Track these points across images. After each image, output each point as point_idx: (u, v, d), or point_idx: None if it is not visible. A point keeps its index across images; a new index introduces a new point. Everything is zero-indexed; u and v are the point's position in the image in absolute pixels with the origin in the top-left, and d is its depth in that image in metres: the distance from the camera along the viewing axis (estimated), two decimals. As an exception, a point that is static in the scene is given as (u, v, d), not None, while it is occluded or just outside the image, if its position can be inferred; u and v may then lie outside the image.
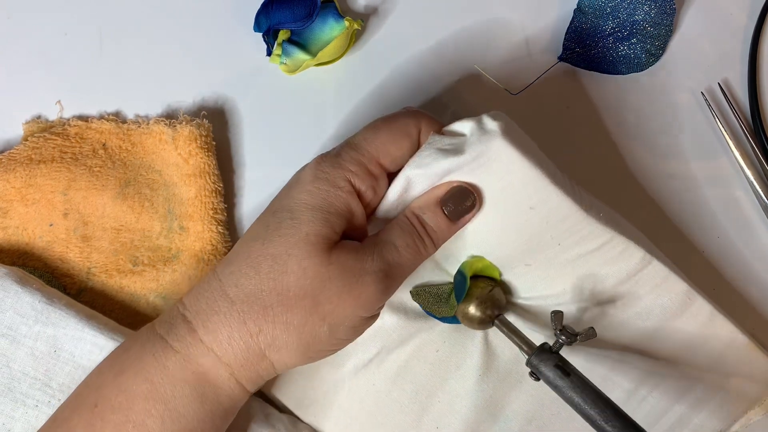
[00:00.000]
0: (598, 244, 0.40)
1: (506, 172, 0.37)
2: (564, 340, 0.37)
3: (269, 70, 0.47)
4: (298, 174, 0.37)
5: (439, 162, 0.37)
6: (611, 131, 0.47)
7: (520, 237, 0.40)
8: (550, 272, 0.41)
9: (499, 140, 0.37)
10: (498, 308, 0.41)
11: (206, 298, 0.35)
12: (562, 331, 0.37)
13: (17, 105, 0.46)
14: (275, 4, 0.45)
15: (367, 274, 0.35)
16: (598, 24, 0.47)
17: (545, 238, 0.40)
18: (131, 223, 0.44)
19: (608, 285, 0.41)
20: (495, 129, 0.37)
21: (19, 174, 0.44)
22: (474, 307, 0.41)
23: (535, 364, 0.37)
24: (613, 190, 0.46)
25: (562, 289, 0.42)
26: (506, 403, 0.43)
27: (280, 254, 0.34)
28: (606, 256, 0.41)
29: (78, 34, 0.48)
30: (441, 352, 0.43)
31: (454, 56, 0.48)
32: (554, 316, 0.38)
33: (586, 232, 0.40)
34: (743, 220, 0.46)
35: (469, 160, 0.37)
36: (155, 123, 0.45)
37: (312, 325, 0.34)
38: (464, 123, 0.38)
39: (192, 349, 0.34)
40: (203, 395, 0.34)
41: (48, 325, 0.40)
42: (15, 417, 0.40)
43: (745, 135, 0.47)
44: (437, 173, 0.37)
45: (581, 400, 0.36)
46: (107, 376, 0.35)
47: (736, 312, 0.45)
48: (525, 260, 0.41)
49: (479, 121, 0.38)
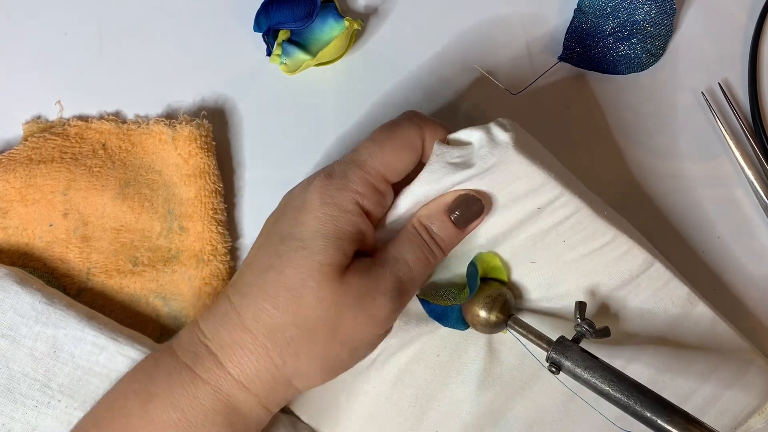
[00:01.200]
0: (602, 243, 0.40)
1: (515, 179, 0.38)
2: (586, 330, 0.37)
3: (269, 70, 0.47)
4: (304, 196, 0.36)
5: (449, 177, 0.37)
6: (611, 131, 0.47)
7: (525, 233, 0.40)
8: (554, 272, 0.41)
9: (512, 153, 0.37)
10: (510, 310, 0.41)
11: (227, 331, 0.35)
12: (585, 321, 0.37)
13: (17, 105, 0.46)
14: (275, 4, 0.45)
15: (381, 295, 0.36)
16: (598, 24, 0.47)
17: (551, 235, 0.40)
18: (131, 224, 0.44)
19: (611, 287, 0.41)
20: (507, 141, 0.37)
21: (19, 174, 0.44)
22: (485, 310, 0.40)
23: (555, 356, 0.37)
24: (613, 190, 0.46)
25: (566, 290, 0.42)
26: (507, 409, 0.42)
27: (295, 286, 0.35)
28: (610, 256, 0.41)
29: (78, 34, 0.47)
30: (442, 356, 0.43)
31: (454, 56, 0.48)
32: (578, 306, 0.38)
33: (592, 230, 0.40)
34: (743, 220, 0.46)
35: (480, 172, 0.37)
36: (155, 123, 0.45)
37: (333, 351, 0.36)
38: (472, 132, 0.38)
39: (222, 381, 0.35)
40: (233, 423, 0.35)
41: (48, 325, 0.40)
42: (15, 418, 0.40)
43: (745, 135, 0.47)
44: (447, 187, 0.38)
45: (610, 381, 0.35)
46: (133, 402, 0.35)
47: (735, 312, 0.45)
48: (530, 257, 0.41)
49: (488, 131, 0.38)
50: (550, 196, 0.39)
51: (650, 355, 0.41)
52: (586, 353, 0.36)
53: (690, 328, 0.42)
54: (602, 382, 0.35)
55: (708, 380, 0.41)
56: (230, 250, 0.45)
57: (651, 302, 0.42)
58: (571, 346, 0.37)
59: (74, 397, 0.40)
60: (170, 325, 0.44)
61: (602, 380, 0.35)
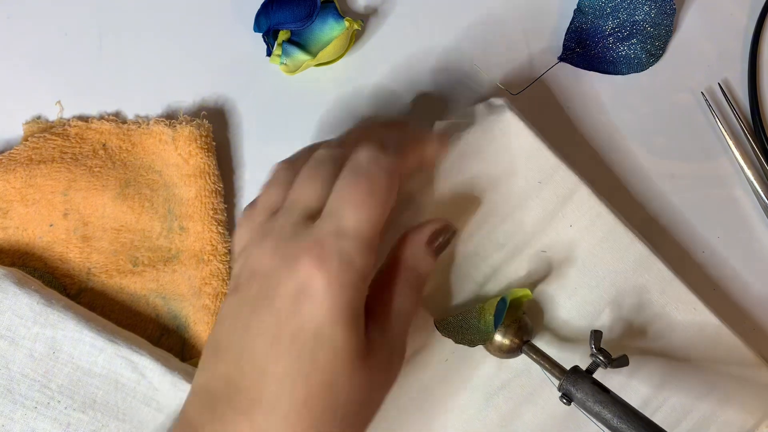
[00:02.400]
0: (605, 231, 0.41)
1: (514, 144, 0.40)
2: (601, 361, 0.36)
3: (269, 70, 0.47)
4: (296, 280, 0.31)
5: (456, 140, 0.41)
6: (611, 131, 0.47)
7: (532, 215, 0.41)
8: (563, 267, 0.41)
9: (508, 114, 0.41)
10: (527, 334, 0.40)
11: None
12: (601, 352, 0.36)
13: (17, 105, 0.46)
14: (275, 4, 0.45)
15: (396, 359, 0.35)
16: (598, 24, 0.47)
17: (557, 218, 0.41)
18: (131, 224, 0.44)
19: (618, 286, 0.41)
20: (502, 103, 0.41)
21: (19, 174, 0.44)
22: (500, 334, 0.40)
23: (567, 386, 0.36)
24: (613, 190, 0.46)
25: (574, 288, 0.42)
26: (516, 416, 0.42)
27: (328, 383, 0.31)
28: (614, 247, 0.41)
29: (78, 34, 0.47)
30: (450, 361, 0.42)
31: (454, 56, 0.48)
32: (593, 335, 0.37)
33: (594, 213, 0.41)
34: (743, 220, 0.46)
35: (480, 132, 0.41)
36: (155, 123, 0.45)
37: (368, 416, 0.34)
38: (472, 107, 0.42)
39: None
40: None
41: (47, 326, 0.40)
42: (14, 419, 0.40)
43: (745, 135, 0.47)
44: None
45: (620, 418, 0.34)
46: None
47: (736, 312, 0.45)
48: (541, 245, 0.41)
49: (486, 102, 0.42)
50: (546, 165, 0.40)
51: (651, 369, 0.41)
52: (597, 386, 0.35)
53: (694, 335, 0.42)
54: (612, 417, 0.34)
55: (711, 393, 0.41)
56: (230, 250, 0.45)
57: (656, 307, 0.42)
58: (583, 377, 0.36)
59: (74, 398, 0.40)
60: (170, 325, 0.44)
61: (612, 415, 0.34)
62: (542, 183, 0.41)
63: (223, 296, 0.44)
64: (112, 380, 0.40)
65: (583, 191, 0.42)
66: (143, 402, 0.40)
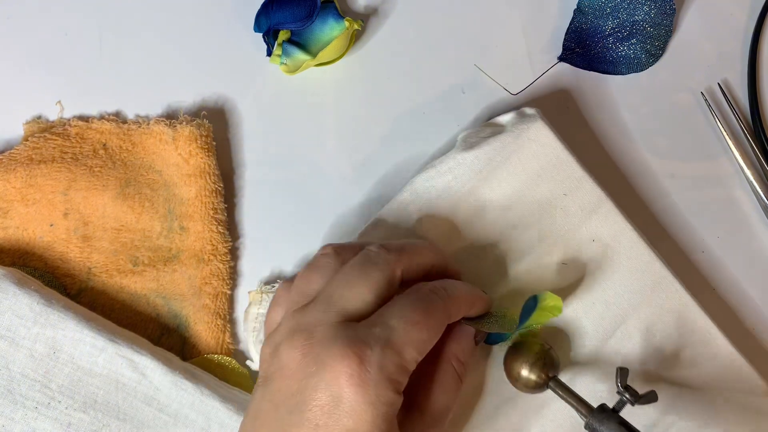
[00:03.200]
0: (626, 248, 0.41)
1: (542, 154, 0.41)
2: (628, 399, 0.35)
3: (269, 70, 0.47)
4: (330, 391, 0.31)
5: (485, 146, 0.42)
6: (611, 131, 0.47)
7: (556, 229, 0.42)
8: (582, 280, 0.41)
9: (538, 122, 0.42)
10: (553, 369, 0.39)
11: None
12: (627, 389, 0.35)
13: (17, 105, 0.46)
14: (275, 4, 0.45)
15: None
16: (598, 24, 0.47)
17: (580, 231, 0.41)
18: (131, 223, 0.44)
19: (635, 305, 0.41)
20: (534, 113, 0.43)
21: (19, 174, 0.44)
22: (527, 369, 0.38)
23: (594, 425, 0.35)
24: (614, 190, 0.46)
25: (591, 302, 0.42)
26: (524, 426, 0.41)
27: None
28: (634, 267, 0.41)
29: (78, 34, 0.47)
30: None
31: (454, 56, 0.48)
32: (619, 372, 0.36)
33: (617, 230, 0.41)
34: (743, 220, 0.46)
35: (510, 139, 0.42)
36: (155, 123, 0.45)
37: None
38: (504, 116, 0.43)
39: None
40: None
41: (47, 326, 0.40)
42: (15, 419, 0.40)
43: (745, 135, 0.47)
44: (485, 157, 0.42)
45: None
46: None
47: (735, 312, 0.45)
48: (563, 257, 0.42)
49: (518, 110, 0.43)
50: (573, 177, 0.41)
51: (659, 393, 0.40)
52: (624, 426, 0.34)
53: (707, 361, 0.41)
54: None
55: (716, 419, 0.41)
56: (230, 250, 0.45)
57: (671, 328, 0.41)
58: (610, 417, 0.35)
59: (74, 398, 0.40)
60: (170, 325, 0.44)
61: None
62: (567, 195, 0.42)
63: (223, 296, 0.44)
64: (112, 380, 0.40)
65: (607, 206, 0.42)
66: (144, 402, 0.40)
